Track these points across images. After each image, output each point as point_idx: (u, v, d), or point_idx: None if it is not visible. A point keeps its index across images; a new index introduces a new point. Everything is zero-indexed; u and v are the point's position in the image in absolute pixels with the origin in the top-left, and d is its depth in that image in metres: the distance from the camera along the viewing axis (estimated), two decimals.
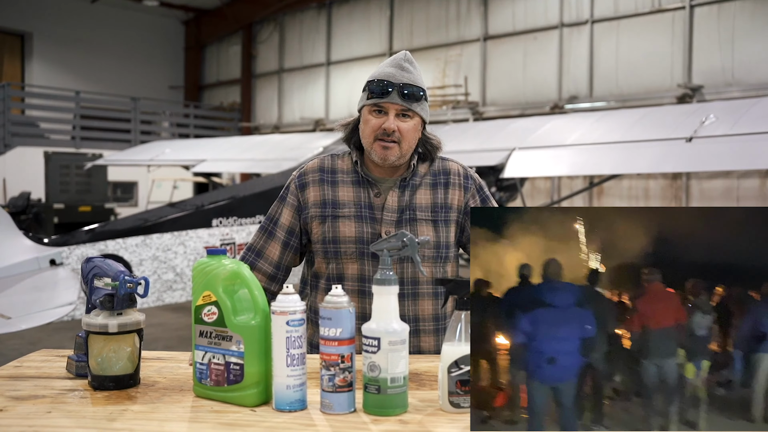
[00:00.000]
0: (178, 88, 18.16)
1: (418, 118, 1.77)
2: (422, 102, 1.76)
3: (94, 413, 1.24)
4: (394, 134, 1.72)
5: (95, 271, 1.48)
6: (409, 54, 1.79)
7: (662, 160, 4.71)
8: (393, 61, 1.77)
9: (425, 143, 1.83)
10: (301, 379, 1.25)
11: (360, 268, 1.77)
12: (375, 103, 1.73)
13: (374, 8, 14.23)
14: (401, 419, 1.20)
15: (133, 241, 4.24)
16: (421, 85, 1.75)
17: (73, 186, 12.17)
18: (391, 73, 1.73)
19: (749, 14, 9.50)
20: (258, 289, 1.30)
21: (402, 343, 1.22)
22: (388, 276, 1.25)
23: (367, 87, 1.76)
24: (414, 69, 1.76)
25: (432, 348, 1.80)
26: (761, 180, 9.30)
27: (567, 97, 11.23)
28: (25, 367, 1.53)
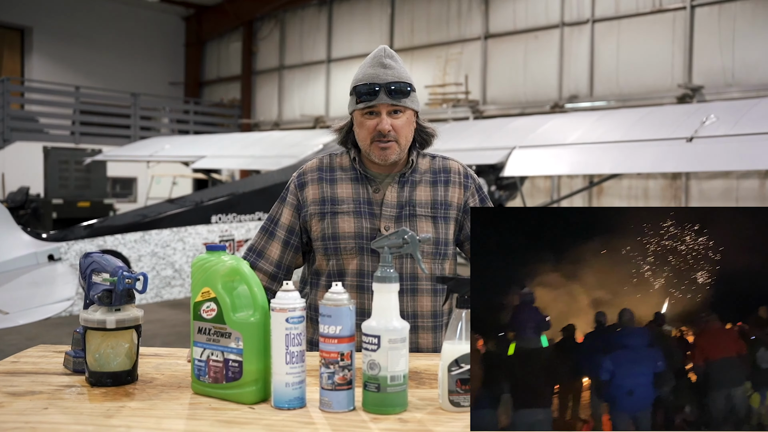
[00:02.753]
0: (178, 84, 18.16)
1: (410, 111, 1.78)
2: (411, 95, 1.77)
3: (91, 410, 1.23)
4: (389, 134, 1.73)
5: (93, 267, 1.46)
6: (388, 48, 1.79)
7: (663, 160, 4.70)
8: (374, 60, 1.77)
9: (420, 132, 1.85)
10: (300, 377, 1.24)
11: (359, 263, 1.78)
12: (366, 106, 1.74)
13: (375, 6, 14.23)
14: (401, 418, 1.20)
15: (131, 237, 4.24)
16: (407, 80, 1.76)
17: (72, 181, 12.15)
18: (375, 74, 1.74)
19: (750, 15, 9.50)
20: (257, 285, 1.29)
21: (402, 341, 1.22)
22: (388, 273, 1.24)
23: (353, 91, 1.77)
24: (396, 63, 1.77)
25: (430, 345, 1.80)
26: (761, 181, 9.31)
27: (567, 97, 11.23)
28: (23, 363, 1.52)
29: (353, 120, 1.81)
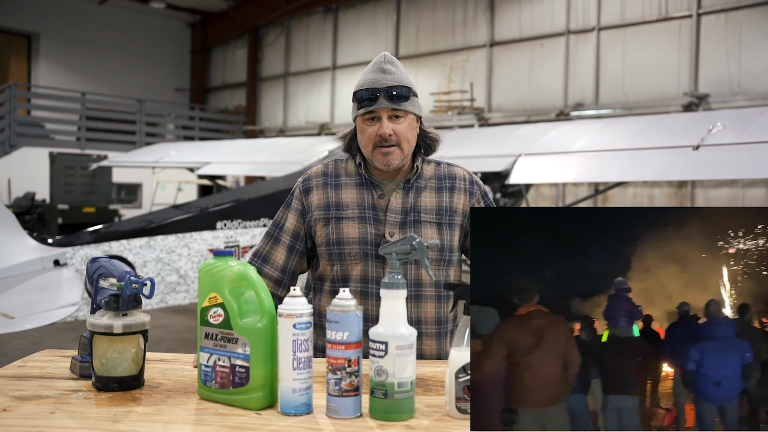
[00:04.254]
0: (184, 91, 18.24)
1: (412, 116, 1.78)
2: (412, 99, 1.77)
3: (97, 414, 1.23)
4: (391, 138, 1.74)
5: (101, 272, 1.47)
6: (388, 55, 1.81)
7: (669, 168, 4.73)
8: (375, 66, 1.78)
9: (424, 137, 1.85)
10: (307, 383, 1.24)
11: (363, 269, 1.78)
12: (366, 111, 1.75)
13: (381, 13, 14.28)
14: (408, 424, 1.19)
15: (137, 243, 4.25)
16: (407, 84, 1.76)
17: (78, 187, 12.24)
18: (375, 79, 1.75)
19: (756, 23, 9.50)
20: (265, 291, 1.29)
21: (410, 348, 1.21)
22: (396, 280, 1.24)
23: (355, 97, 1.78)
24: (396, 69, 1.77)
25: (434, 352, 1.80)
26: (767, 189, 9.28)
27: (573, 104, 11.24)
28: (29, 367, 1.53)
29: (356, 127, 1.82)
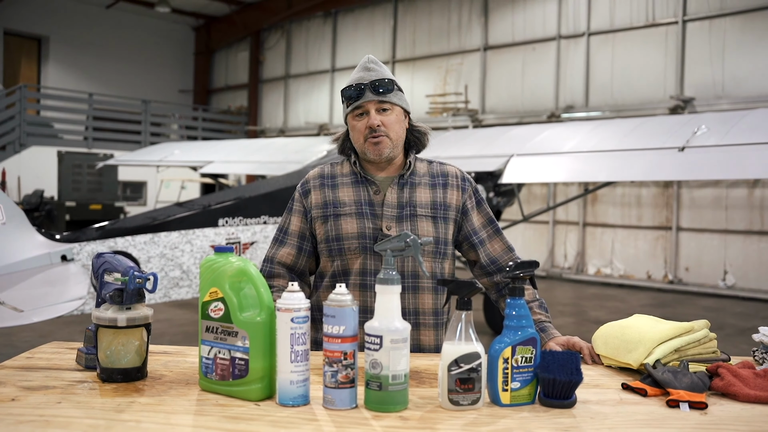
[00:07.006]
0: (188, 92, 18.26)
1: (399, 108, 1.82)
2: (396, 92, 1.81)
3: (102, 404, 1.24)
4: (380, 129, 1.78)
5: (106, 266, 1.47)
6: (371, 56, 1.86)
7: (656, 168, 4.72)
8: (359, 67, 1.84)
9: (413, 132, 1.89)
10: (304, 375, 1.25)
11: (363, 262, 1.79)
12: (354, 106, 1.80)
13: (378, 17, 14.30)
14: (402, 415, 1.20)
15: (141, 239, 4.23)
16: (391, 78, 1.81)
17: (85, 185, 12.32)
18: (360, 77, 1.81)
19: (739, 30, 9.60)
20: (264, 286, 1.30)
21: (404, 342, 1.23)
22: (390, 276, 1.25)
23: (343, 97, 1.83)
24: (379, 67, 1.83)
25: (432, 342, 1.81)
26: (749, 189, 9.47)
27: (564, 107, 11.30)
28: (37, 359, 1.54)
29: (348, 127, 1.87)
